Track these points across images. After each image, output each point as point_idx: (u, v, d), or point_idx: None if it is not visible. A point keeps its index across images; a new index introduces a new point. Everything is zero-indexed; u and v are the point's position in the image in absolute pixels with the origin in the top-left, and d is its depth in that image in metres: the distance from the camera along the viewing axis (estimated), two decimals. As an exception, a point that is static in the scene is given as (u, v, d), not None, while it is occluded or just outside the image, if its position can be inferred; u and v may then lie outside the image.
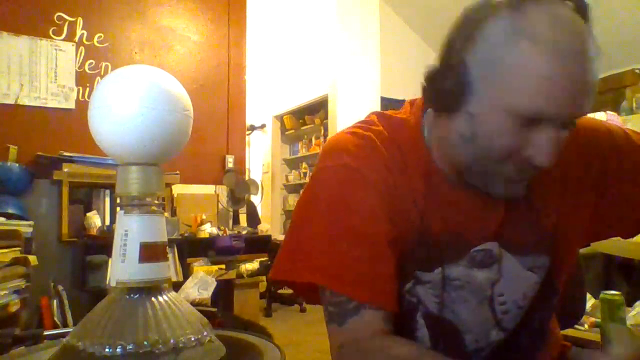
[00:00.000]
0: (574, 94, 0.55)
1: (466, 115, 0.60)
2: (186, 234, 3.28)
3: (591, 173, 0.72)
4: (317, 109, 5.41)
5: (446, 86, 0.61)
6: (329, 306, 0.66)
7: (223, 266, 3.16)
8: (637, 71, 3.42)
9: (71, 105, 3.16)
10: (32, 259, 1.98)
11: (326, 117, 5.01)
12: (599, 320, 1.33)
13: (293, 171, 6.23)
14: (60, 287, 2.57)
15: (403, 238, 0.67)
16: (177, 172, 3.24)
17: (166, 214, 3.07)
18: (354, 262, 0.64)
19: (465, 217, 0.69)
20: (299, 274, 0.67)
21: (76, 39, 3.22)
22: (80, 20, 3.24)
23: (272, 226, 5.50)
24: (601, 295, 1.25)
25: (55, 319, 2.41)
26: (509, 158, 0.59)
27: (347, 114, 4.61)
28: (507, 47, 0.56)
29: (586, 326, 1.38)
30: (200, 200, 3.63)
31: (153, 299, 0.47)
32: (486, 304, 0.69)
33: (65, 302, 2.51)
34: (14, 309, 1.78)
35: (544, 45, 0.54)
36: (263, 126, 6.33)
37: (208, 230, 3.35)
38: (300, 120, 5.87)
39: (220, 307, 2.88)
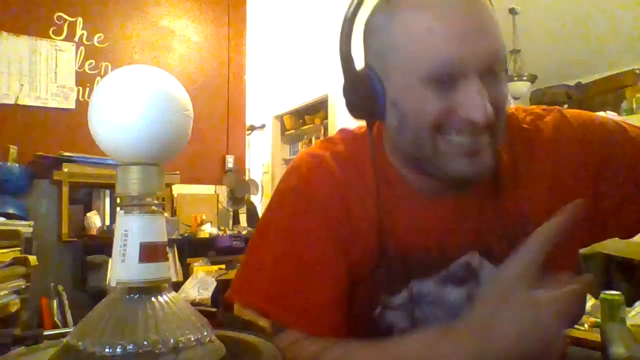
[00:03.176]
0: (468, 37, 0.55)
1: (390, 107, 0.61)
2: (186, 234, 3.28)
3: (588, 170, 0.68)
4: (317, 109, 5.40)
5: (362, 94, 0.62)
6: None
7: (223, 266, 3.16)
8: (637, 71, 3.42)
9: (71, 105, 3.16)
10: (32, 259, 1.98)
11: (326, 117, 5.00)
12: (599, 320, 1.33)
13: (293, 171, 6.23)
14: (60, 287, 2.57)
15: (359, 262, 0.66)
16: (177, 172, 3.24)
17: (166, 214, 3.07)
18: (290, 290, 0.64)
19: (442, 227, 0.66)
20: (244, 300, 0.69)
21: (76, 39, 3.22)
22: (80, 20, 3.24)
23: (272, 226, 5.49)
24: (601, 295, 1.24)
25: (55, 319, 2.42)
26: (447, 128, 0.58)
27: (347, 114, 4.57)
28: (390, 26, 0.58)
29: (586, 326, 1.38)
30: (200, 200, 3.62)
31: (153, 299, 0.47)
32: None
33: (65, 302, 2.51)
34: (14, 309, 1.78)
35: (418, 5, 0.57)
36: (263, 126, 6.33)
37: (208, 230, 3.35)
38: (300, 120, 5.87)
39: (220, 307, 2.88)
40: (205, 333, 0.48)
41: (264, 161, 6.49)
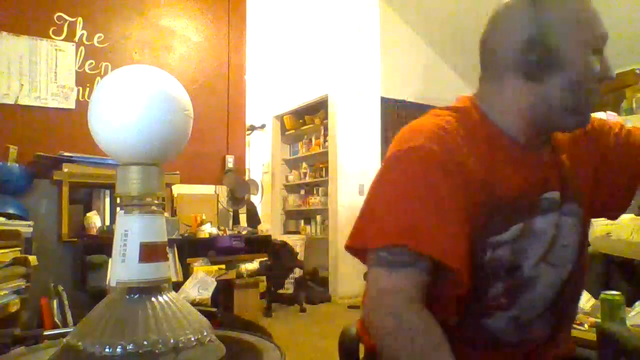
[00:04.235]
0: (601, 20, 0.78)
1: (568, 69, 0.75)
2: (186, 234, 3.28)
3: (591, 159, 0.86)
4: (317, 109, 5.40)
5: (541, 58, 0.75)
6: (382, 253, 0.71)
7: (223, 266, 3.16)
8: (637, 71, 3.42)
9: (71, 105, 3.16)
10: (32, 259, 1.98)
11: (326, 117, 5.00)
12: (599, 320, 1.33)
13: (293, 171, 6.23)
14: (60, 287, 2.57)
15: (477, 212, 0.75)
16: (177, 172, 3.25)
17: (166, 214, 3.07)
18: (426, 223, 0.71)
19: (532, 173, 0.80)
20: (367, 241, 0.73)
21: (76, 39, 3.22)
22: (80, 20, 3.24)
23: (272, 226, 5.50)
24: (601, 295, 1.25)
25: (55, 319, 2.42)
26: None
27: (347, 114, 4.60)
28: (565, 9, 0.76)
29: (586, 326, 1.38)
30: (200, 200, 3.63)
31: (153, 299, 0.47)
32: (551, 250, 0.79)
33: (65, 302, 2.51)
34: (14, 309, 1.78)
35: None
36: (263, 126, 6.33)
37: (208, 230, 3.35)
38: (300, 120, 5.87)
39: (220, 307, 2.88)
40: (205, 333, 0.48)
41: (264, 161, 6.49)
